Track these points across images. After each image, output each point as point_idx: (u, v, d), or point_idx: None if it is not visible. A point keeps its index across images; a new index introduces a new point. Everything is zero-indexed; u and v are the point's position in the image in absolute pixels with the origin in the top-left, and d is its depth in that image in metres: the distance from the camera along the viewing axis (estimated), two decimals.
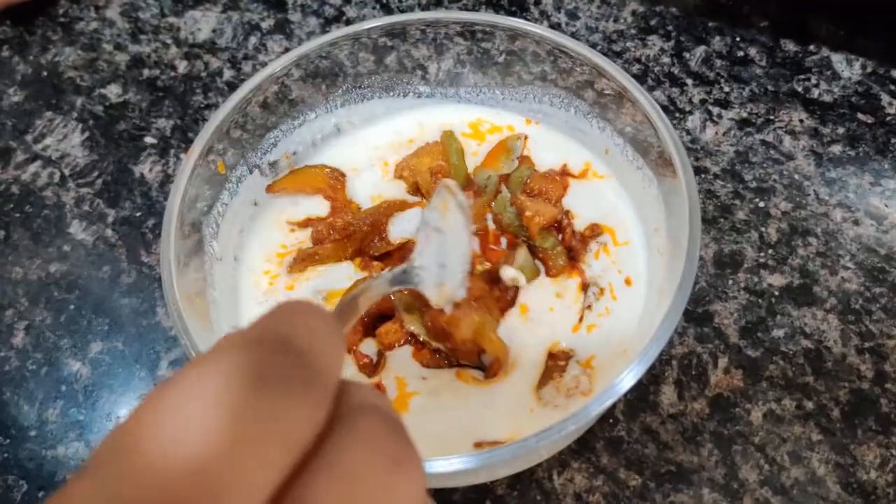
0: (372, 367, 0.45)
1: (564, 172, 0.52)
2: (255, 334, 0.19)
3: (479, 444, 0.41)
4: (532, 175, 0.51)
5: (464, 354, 0.44)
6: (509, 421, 0.43)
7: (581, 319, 0.46)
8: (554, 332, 0.46)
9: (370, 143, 0.55)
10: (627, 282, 0.47)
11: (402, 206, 0.51)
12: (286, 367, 0.18)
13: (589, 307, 0.46)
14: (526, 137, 0.53)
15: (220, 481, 0.15)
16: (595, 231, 0.49)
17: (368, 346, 0.46)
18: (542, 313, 0.46)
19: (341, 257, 0.49)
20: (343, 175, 0.53)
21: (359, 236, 0.49)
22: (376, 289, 0.36)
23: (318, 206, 0.52)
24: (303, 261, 0.49)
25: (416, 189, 0.52)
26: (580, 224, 0.50)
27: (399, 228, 0.49)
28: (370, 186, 0.53)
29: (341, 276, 0.49)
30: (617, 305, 0.47)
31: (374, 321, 0.46)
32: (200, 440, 0.16)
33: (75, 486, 0.16)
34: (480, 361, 0.45)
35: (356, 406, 0.20)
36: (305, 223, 0.51)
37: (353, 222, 0.49)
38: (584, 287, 0.47)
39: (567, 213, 0.50)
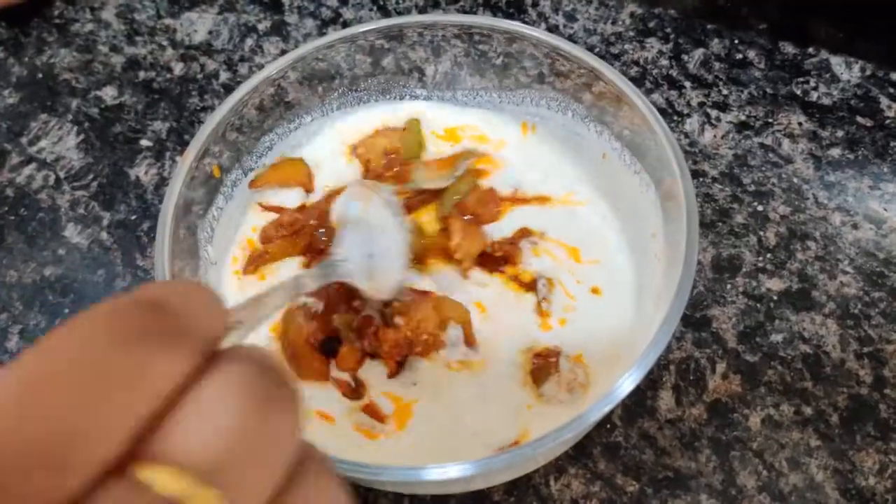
0: (354, 391, 0.44)
1: (515, 198, 0.51)
2: (119, 299, 0.19)
3: (500, 449, 0.41)
4: (471, 191, 0.50)
5: (424, 344, 0.44)
6: (514, 421, 0.43)
7: (543, 315, 0.46)
8: (524, 330, 0.46)
9: (341, 134, 0.54)
10: (594, 291, 0.47)
11: (341, 189, 0.51)
12: (147, 322, 0.18)
13: (546, 300, 0.46)
14: (483, 157, 0.52)
15: (73, 432, 0.16)
16: (524, 233, 0.49)
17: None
18: (501, 308, 0.47)
19: (292, 254, 0.49)
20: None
21: (308, 230, 0.49)
22: (296, 284, 0.36)
23: (298, 198, 0.52)
24: (254, 262, 0.48)
25: (367, 168, 0.52)
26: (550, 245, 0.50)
27: (339, 212, 0.49)
28: (332, 176, 0.52)
29: (289, 272, 0.48)
30: (582, 296, 0.47)
31: (329, 344, 0.45)
32: (53, 394, 0.16)
33: None
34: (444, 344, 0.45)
35: (229, 357, 0.20)
36: (277, 210, 0.51)
37: (299, 217, 0.49)
38: (532, 284, 0.47)
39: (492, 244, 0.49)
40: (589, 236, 0.49)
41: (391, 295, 0.44)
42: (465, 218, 0.49)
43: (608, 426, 0.47)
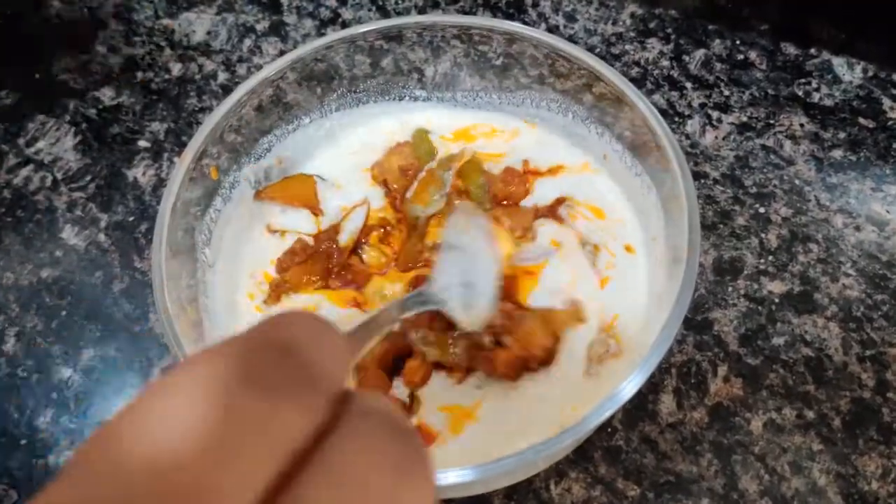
0: (407, 408, 0.43)
1: (526, 171, 0.52)
2: (251, 338, 0.18)
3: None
4: (489, 181, 0.50)
5: (539, 360, 0.43)
6: (563, 402, 0.42)
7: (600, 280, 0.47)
8: (587, 284, 0.46)
9: (352, 152, 0.54)
10: (628, 249, 0.48)
11: (351, 210, 0.51)
12: (279, 369, 0.17)
13: (594, 265, 0.47)
14: (469, 159, 0.52)
15: (204, 483, 0.15)
16: (560, 201, 0.50)
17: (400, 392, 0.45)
18: (572, 251, 0.47)
19: (310, 280, 0.48)
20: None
21: (323, 255, 0.49)
22: (395, 311, 0.35)
23: (307, 220, 0.51)
24: (275, 291, 0.48)
25: (388, 188, 0.51)
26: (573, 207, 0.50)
27: (349, 229, 0.50)
28: (346, 197, 0.52)
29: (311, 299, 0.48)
30: (619, 252, 0.48)
31: (395, 362, 0.44)
32: (186, 442, 0.15)
33: (55, 488, 0.15)
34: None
35: (360, 411, 0.19)
36: (284, 234, 0.51)
37: (310, 243, 0.49)
38: (582, 244, 0.48)
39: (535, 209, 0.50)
40: (609, 200, 0.50)
41: (481, 327, 0.43)
42: (504, 203, 0.50)
43: (609, 430, 0.47)
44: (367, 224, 0.50)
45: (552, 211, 0.50)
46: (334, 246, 0.49)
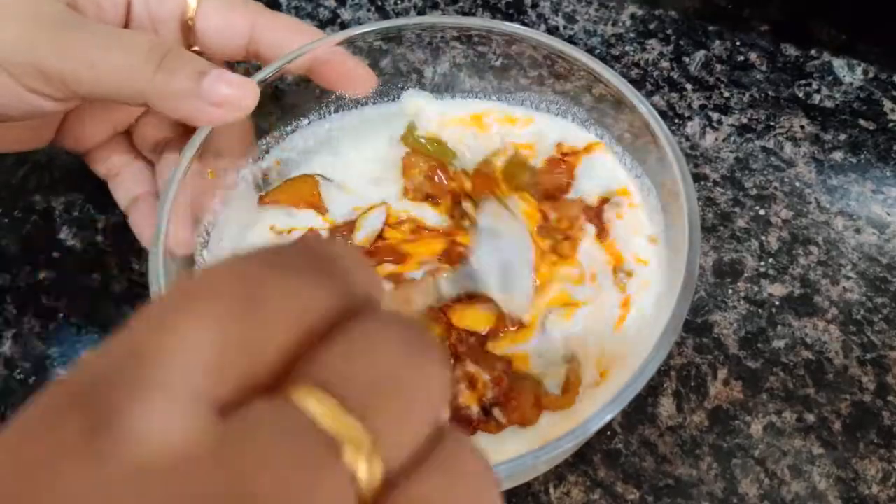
0: None
1: (564, 153, 0.49)
2: (283, 244, 0.19)
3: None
4: (534, 172, 0.48)
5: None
6: None
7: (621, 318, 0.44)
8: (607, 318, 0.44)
9: (353, 158, 0.53)
10: (652, 240, 0.46)
11: (368, 210, 0.49)
12: (304, 259, 0.18)
13: (627, 272, 0.45)
14: (512, 155, 0.50)
15: (225, 343, 0.16)
16: (604, 199, 0.48)
17: None
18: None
19: None
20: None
21: None
22: (433, 288, 0.36)
23: (314, 219, 0.50)
24: None
25: (432, 199, 0.50)
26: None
27: (366, 227, 0.48)
28: (356, 201, 0.51)
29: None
30: (648, 253, 0.45)
31: None
32: (208, 308, 0.16)
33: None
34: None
35: (383, 311, 0.19)
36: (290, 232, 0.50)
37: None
38: (615, 270, 0.45)
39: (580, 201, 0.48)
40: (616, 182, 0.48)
41: (524, 310, 0.42)
42: (552, 198, 0.48)
43: (608, 433, 0.47)
44: (387, 225, 0.49)
45: (598, 214, 0.47)
46: (349, 242, 0.48)
